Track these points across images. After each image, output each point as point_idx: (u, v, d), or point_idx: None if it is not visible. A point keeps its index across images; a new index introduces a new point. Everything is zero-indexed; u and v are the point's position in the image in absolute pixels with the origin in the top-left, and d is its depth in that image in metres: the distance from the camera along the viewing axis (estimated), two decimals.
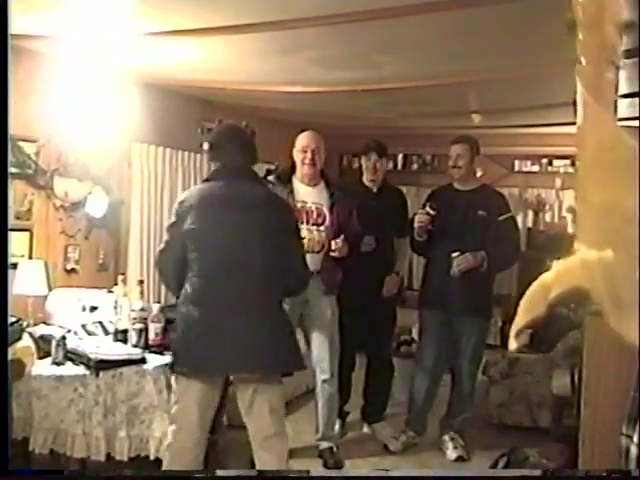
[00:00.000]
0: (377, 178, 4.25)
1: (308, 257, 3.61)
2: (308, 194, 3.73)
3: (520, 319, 1.05)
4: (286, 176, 3.76)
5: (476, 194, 3.94)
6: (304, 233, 3.61)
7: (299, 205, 3.67)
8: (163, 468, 2.88)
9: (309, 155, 3.68)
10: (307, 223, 3.66)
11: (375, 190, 4.27)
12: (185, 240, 2.71)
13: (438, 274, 3.92)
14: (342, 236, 3.63)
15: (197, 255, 2.70)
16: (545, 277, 1.03)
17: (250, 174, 2.86)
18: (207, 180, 2.90)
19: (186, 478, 2.72)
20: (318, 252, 3.66)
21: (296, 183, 3.74)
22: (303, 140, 3.72)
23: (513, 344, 1.06)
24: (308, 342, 3.83)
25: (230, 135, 2.93)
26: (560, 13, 1.14)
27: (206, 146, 3.09)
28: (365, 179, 4.29)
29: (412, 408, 4.13)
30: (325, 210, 3.71)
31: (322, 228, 3.67)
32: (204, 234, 2.69)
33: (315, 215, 3.70)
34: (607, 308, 0.94)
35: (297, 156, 3.73)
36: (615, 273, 0.93)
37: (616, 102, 1.00)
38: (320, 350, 3.77)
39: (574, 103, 1.02)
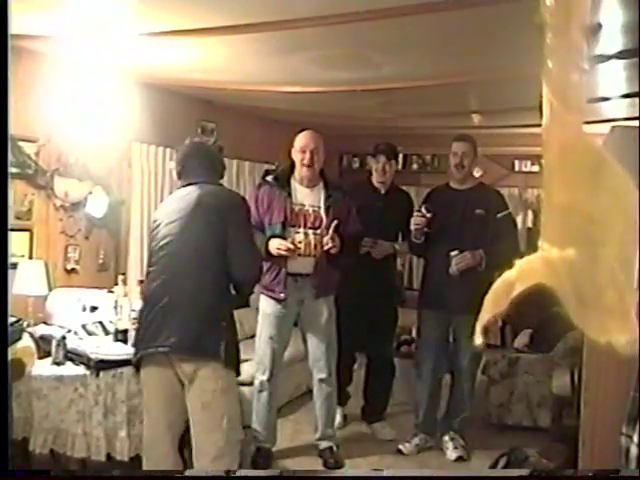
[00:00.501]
0: (386, 180, 4.27)
1: (305, 260, 3.61)
2: (306, 196, 3.70)
3: (484, 315, 1.07)
4: (284, 178, 3.72)
5: (473, 193, 3.94)
6: (300, 237, 3.59)
7: (296, 208, 3.64)
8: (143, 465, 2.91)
9: (308, 155, 3.64)
10: (304, 226, 3.63)
11: (383, 192, 4.28)
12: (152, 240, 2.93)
13: (437, 274, 3.92)
14: (331, 232, 3.57)
15: (153, 253, 2.88)
16: (508, 274, 1.05)
17: (214, 184, 2.96)
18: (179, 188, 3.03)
19: (187, 478, 2.73)
20: (314, 256, 3.63)
21: (294, 185, 3.71)
22: (302, 140, 3.69)
23: (479, 339, 1.08)
24: (305, 341, 3.82)
25: (195, 152, 3.05)
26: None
27: (172, 165, 3.18)
28: (374, 180, 4.30)
29: (419, 412, 4.12)
30: (322, 213, 3.68)
31: (318, 231, 3.64)
32: (163, 233, 2.85)
33: (312, 218, 3.66)
34: (570, 305, 0.96)
35: (296, 156, 3.70)
36: (577, 271, 0.95)
37: (584, 105, 1.01)
38: (317, 350, 3.77)
39: (540, 106, 1.04)
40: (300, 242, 3.57)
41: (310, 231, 3.64)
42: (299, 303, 3.69)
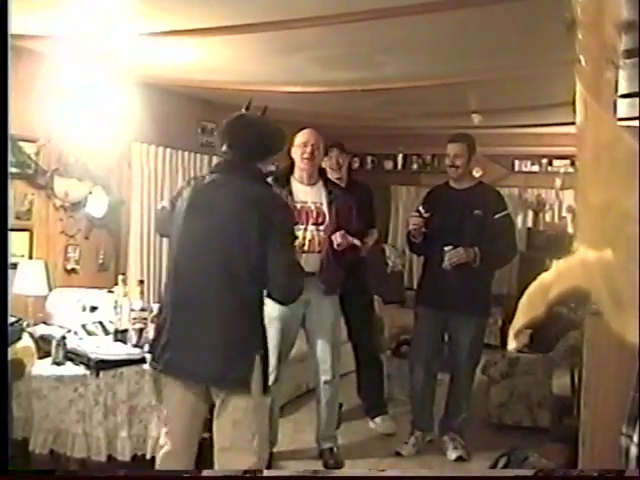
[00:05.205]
0: (342, 175, 4.25)
1: (308, 257, 3.60)
2: (307, 194, 3.69)
3: (519, 319, 1.05)
4: (284, 177, 3.69)
5: (472, 193, 3.94)
6: (305, 234, 3.59)
7: (299, 205, 3.64)
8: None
9: (309, 149, 3.62)
10: (307, 223, 3.61)
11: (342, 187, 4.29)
12: (171, 229, 2.64)
13: (435, 272, 3.91)
14: (342, 231, 3.58)
15: (174, 253, 2.64)
16: (544, 277, 1.03)
17: (248, 171, 2.59)
18: (211, 172, 2.72)
19: (181, 478, 2.72)
20: (319, 252, 3.62)
21: (294, 184, 3.69)
22: (303, 136, 3.68)
23: (512, 344, 1.06)
24: (310, 343, 3.82)
25: (234, 127, 2.66)
26: (559, 13, 1.14)
27: (216, 140, 2.85)
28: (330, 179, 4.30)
29: (414, 407, 4.14)
30: (324, 209, 3.67)
31: (322, 228, 3.64)
32: (184, 233, 2.57)
33: (315, 215, 3.65)
34: (606, 307, 0.94)
35: (296, 152, 3.67)
36: (614, 272, 0.93)
37: (615, 102, 1.00)
38: (322, 352, 3.75)
39: (573, 102, 1.02)
40: (304, 239, 3.56)
41: (313, 227, 3.62)
42: (305, 304, 3.63)
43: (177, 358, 2.54)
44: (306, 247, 3.56)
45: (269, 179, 3.83)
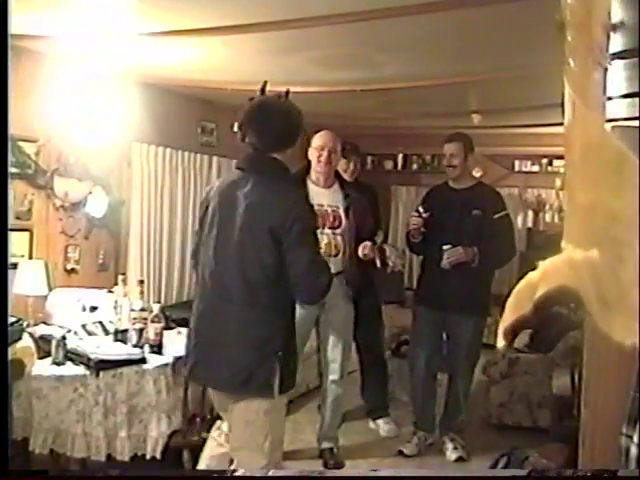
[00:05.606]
0: (353, 178, 4.25)
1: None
2: (323, 196, 3.62)
3: (506, 317, 1.06)
4: (299, 179, 3.60)
5: (471, 192, 3.93)
6: (321, 237, 3.53)
7: (315, 208, 3.59)
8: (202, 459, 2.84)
9: (325, 154, 3.58)
10: (323, 227, 3.51)
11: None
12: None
13: (433, 271, 3.91)
14: (370, 242, 3.59)
15: (201, 255, 2.60)
16: (531, 276, 1.03)
17: (269, 165, 2.50)
18: (236, 168, 2.62)
19: (181, 477, 2.71)
20: (335, 255, 3.57)
21: (310, 185, 3.63)
22: (320, 139, 3.63)
23: (501, 342, 1.06)
24: (320, 341, 3.81)
25: (254, 113, 2.52)
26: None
27: (235, 127, 2.59)
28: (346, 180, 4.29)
29: (416, 408, 4.14)
30: (341, 212, 3.63)
31: (338, 231, 3.59)
32: (207, 237, 2.54)
33: (331, 218, 3.60)
34: (593, 307, 0.95)
35: (312, 154, 3.63)
36: (600, 272, 0.93)
37: (604, 103, 1.00)
38: (333, 351, 3.74)
39: (562, 104, 1.03)
40: (321, 242, 3.52)
41: (330, 231, 3.58)
42: (320, 305, 3.56)
43: (200, 365, 2.56)
44: (323, 251, 3.52)
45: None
